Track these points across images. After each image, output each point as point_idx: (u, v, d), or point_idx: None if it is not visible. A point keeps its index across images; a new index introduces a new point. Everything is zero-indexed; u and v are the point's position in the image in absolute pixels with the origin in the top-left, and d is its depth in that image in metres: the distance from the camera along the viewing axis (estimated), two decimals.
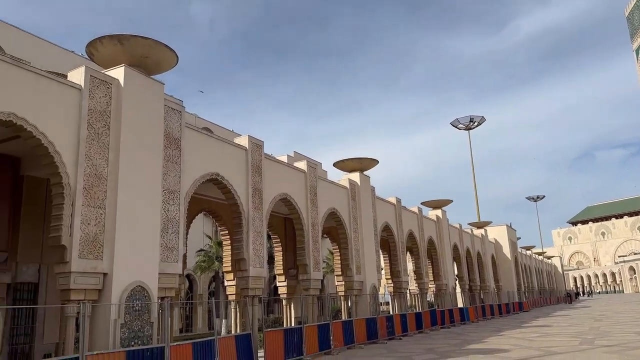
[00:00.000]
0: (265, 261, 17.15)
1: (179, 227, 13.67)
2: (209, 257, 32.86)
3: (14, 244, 14.00)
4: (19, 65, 10.80)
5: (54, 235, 11.02)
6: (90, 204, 11.51)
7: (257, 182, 17.32)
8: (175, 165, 13.89)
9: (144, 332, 11.87)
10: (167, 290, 13.06)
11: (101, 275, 11.49)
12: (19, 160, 14.46)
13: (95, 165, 11.79)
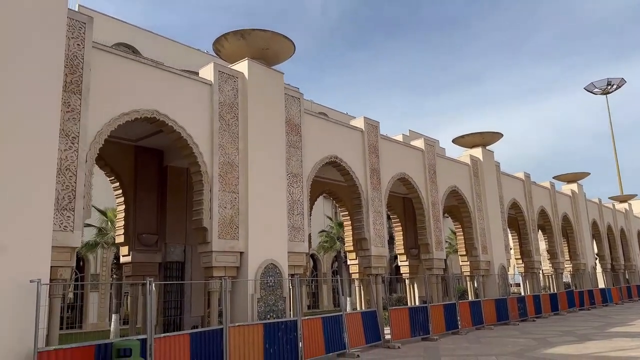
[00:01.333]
0: (386, 240, 17.29)
1: (303, 209, 14.35)
2: (330, 238, 33.96)
3: (162, 227, 15.74)
4: (159, 67, 12.03)
5: (196, 218, 12.20)
6: (225, 189, 12.54)
7: (375, 162, 17.45)
8: (297, 150, 14.54)
9: (278, 306, 12.73)
10: (296, 268, 13.81)
11: (238, 254, 12.51)
12: (162, 153, 16.15)
13: (228, 153, 12.78)
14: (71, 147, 9.64)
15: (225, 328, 10.70)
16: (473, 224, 22.59)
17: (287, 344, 11.80)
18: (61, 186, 9.24)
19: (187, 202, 15.76)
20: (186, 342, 9.83)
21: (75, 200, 9.54)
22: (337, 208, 42.12)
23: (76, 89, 9.85)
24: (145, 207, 15.41)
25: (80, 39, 10.06)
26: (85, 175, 9.80)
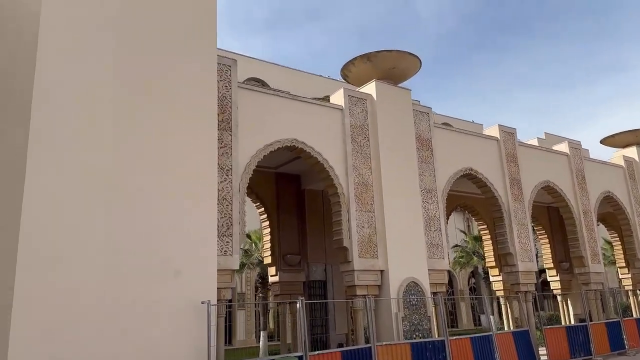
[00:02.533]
0: (533, 255, 16.22)
1: (440, 224, 14.09)
2: (466, 253, 32.61)
3: (304, 248, 16.53)
4: (295, 99, 12.83)
5: (337, 238, 12.63)
6: (362, 209, 12.83)
7: (514, 171, 16.55)
8: (429, 165, 14.39)
9: (423, 325, 12.57)
10: (438, 286, 13.55)
11: (379, 272, 12.66)
12: (299, 177, 17.07)
13: (362, 174, 13.10)
14: (226, 179, 10.66)
15: (373, 347, 10.82)
16: (633, 232, 20.18)
17: None
18: (220, 215, 10.23)
19: (324, 223, 16.39)
20: (338, 359, 10.13)
21: (232, 227, 10.50)
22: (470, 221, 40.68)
23: (227, 126, 10.91)
24: (287, 229, 16.36)
25: (227, 80, 11.15)
26: (239, 204, 10.74)
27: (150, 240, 8.19)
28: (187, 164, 8.96)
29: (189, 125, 9.21)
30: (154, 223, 8.28)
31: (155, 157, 8.57)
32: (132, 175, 8.20)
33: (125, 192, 8.06)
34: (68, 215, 7.02)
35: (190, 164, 9.01)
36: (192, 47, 9.55)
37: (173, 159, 8.78)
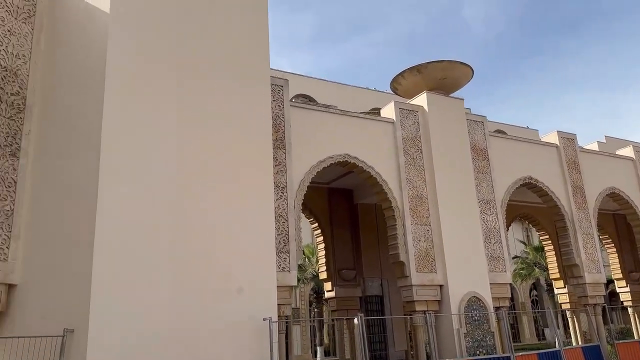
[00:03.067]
0: (601, 266, 15.40)
1: (500, 237, 13.67)
2: (527, 264, 31.37)
3: (359, 262, 16.45)
4: (345, 114, 12.92)
5: (393, 252, 12.49)
6: (417, 222, 12.66)
7: (576, 179, 15.87)
8: (486, 175, 14.03)
9: (486, 341, 12.17)
10: (501, 300, 13.10)
11: (438, 287, 12.40)
12: (351, 192, 17.07)
13: (416, 187, 12.94)
14: (281, 197, 10.83)
15: None
16: None
17: None
18: (277, 232, 10.38)
19: (379, 237, 16.27)
20: None
21: (289, 243, 10.64)
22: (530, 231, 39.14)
23: (281, 144, 11.11)
24: (341, 244, 16.35)
25: (280, 100, 11.38)
26: (294, 220, 10.87)
27: (212, 258, 8.41)
28: (245, 184, 9.17)
29: (247, 145, 9.43)
30: (215, 242, 8.51)
31: (215, 178, 8.82)
32: (194, 196, 8.47)
33: (188, 213, 8.33)
34: (136, 237, 7.33)
35: (249, 184, 9.21)
36: (247, 70, 9.82)
37: (232, 179, 9.01)
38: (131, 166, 7.41)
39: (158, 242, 7.83)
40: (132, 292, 7.07)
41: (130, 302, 6.99)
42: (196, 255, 8.26)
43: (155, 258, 7.68)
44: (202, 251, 8.34)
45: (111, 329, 6.53)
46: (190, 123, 8.72)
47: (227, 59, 9.58)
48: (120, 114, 7.47)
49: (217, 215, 8.69)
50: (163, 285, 7.75)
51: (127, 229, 7.15)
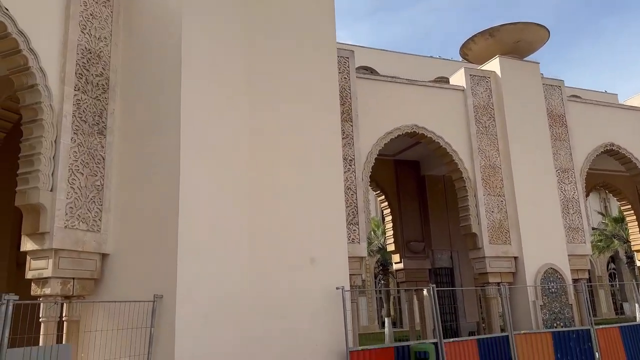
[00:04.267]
0: None
1: (579, 206, 13.02)
2: (605, 236, 29.76)
3: (428, 234, 16.27)
4: (412, 83, 12.62)
5: (465, 224, 12.23)
6: (490, 193, 12.28)
7: None
8: (564, 143, 13.32)
9: (564, 314, 11.75)
10: (580, 272, 12.56)
11: (512, 259, 12.05)
12: (418, 163, 16.79)
13: (488, 156, 12.51)
14: (349, 169, 10.84)
15: (511, 335, 10.36)
16: None
17: (581, 355, 10.74)
18: (346, 204, 10.42)
19: (447, 209, 15.98)
20: (474, 347, 9.87)
21: (357, 216, 10.69)
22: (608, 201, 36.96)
23: (347, 117, 11.06)
24: (409, 216, 16.22)
25: (346, 72, 11.27)
26: (363, 193, 10.88)
27: (287, 230, 8.61)
28: (315, 157, 9.23)
29: (316, 120, 9.46)
30: (289, 214, 8.69)
31: (287, 152, 8.95)
32: (269, 172, 8.66)
33: (263, 188, 8.54)
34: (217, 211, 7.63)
35: (319, 157, 9.27)
36: (314, 42, 9.77)
37: (303, 152, 9.10)
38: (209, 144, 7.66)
39: (237, 215, 8.11)
40: (214, 262, 7.40)
41: (212, 271, 7.34)
42: (272, 226, 8.49)
43: (234, 230, 7.97)
44: (278, 223, 8.56)
45: (196, 295, 6.90)
46: (261, 99, 8.86)
47: (295, 31, 9.57)
48: (197, 93, 7.70)
49: (290, 189, 8.84)
50: (242, 255, 8.05)
51: (207, 202, 7.44)
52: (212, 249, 7.42)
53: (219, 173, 7.83)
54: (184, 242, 6.79)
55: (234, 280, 7.85)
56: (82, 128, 7.00)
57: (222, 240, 7.72)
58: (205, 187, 7.48)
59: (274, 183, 8.69)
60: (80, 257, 6.65)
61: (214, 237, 7.51)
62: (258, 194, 8.47)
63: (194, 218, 7.08)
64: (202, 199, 7.34)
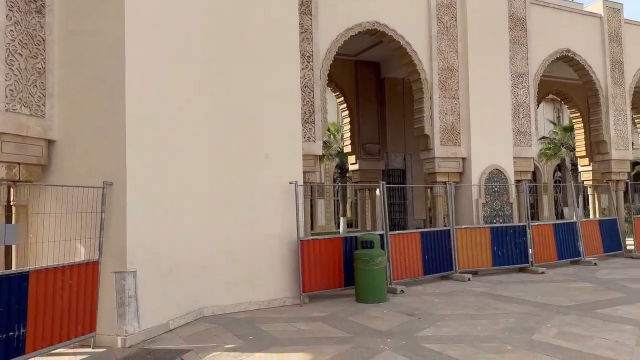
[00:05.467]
0: (629, 143, 15.19)
1: (529, 111, 13.43)
2: (554, 145, 31.13)
3: (383, 137, 16.61)
4: None
5: (418, 126, 12.50)
6: (445, 96, 12.46)
7: (617, 53, 15.03)
8: (522, 47, 13.39)
9: (504, 211, 12.58)
10: (523, 174, 13.27)
11: (460, 160, 12.56)
12: (379, 65, 16.66)
13: (447, 58, 12.51)
14: (307, 66, 10.67)
15: (452, 229, 11.12)
16: None
17: (515, 248, 11.73)
18: (303, 102, 10.40)
19: (404, 112, 16.19)
20: (417, 239, 10.57)
21: (314, 114, 10.72)
22: (561, 112, 38.19)
23: (307, 9, 10.67)
24: (367, 118, 16.39)
25: None
26: (320, 91, 10.83)
27: (242, 125, 8.58)
28: (271, 51, 8.98)
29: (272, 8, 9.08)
30: (243, 109, 8.60)
31: (241, 45, 8.66)
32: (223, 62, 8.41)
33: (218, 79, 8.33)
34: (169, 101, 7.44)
35: (275, 51, 9.02)
36: None
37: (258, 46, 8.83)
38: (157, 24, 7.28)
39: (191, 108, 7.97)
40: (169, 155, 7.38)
41: (168, 163, 7.34)
42: (227, 121, 8.44)
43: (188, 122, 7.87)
44: (233, 118, 8.50)
45: (150, 185, 6.96)
46: None
47: None
48: None
49: (244, 83, 8.67)
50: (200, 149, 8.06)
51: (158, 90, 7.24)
52: (166, 141, 7.36)
53: (170, 57, 7.56)
54: (133, 130, 6.69)
55: (191, 174, 7.92)
56: (17, 5, 6.49)
57: (177, 133, 7.65)
58: (156, 73, 7.23)
59: (229, 76, 8.50)
60: (25, 143, 6.49)
61: (168, 129, 7.42)
62: (212, 87, 8.30)
63: (143, 107, 6.92)
64: (152, 87, 7.13)
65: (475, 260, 11.28)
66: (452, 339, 6.28)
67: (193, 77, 8.06)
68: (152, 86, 7.14)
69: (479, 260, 11.34)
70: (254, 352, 5.94)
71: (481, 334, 6.50)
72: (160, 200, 7.19)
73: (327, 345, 6.15)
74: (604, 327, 6.66)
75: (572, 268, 12.12)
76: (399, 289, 9.49)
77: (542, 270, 11.48)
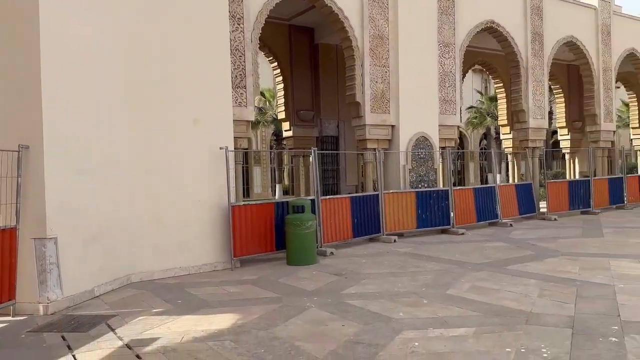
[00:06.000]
0: (546, 112, 16.22)
1: (455, 81, 13.97)
2: (480, 114, 32.65)
3: (317, 104, 16.71)
4: None
5: (350, 93, 12.68)
6: (376, 64, 12.68)
7: (537, 25, 15.84)
8: (450, 17, 13.80)
9: (429, 177, 13.18)
10: (447, 141, 13.88)
11: (389, 127, 12.93)
12: (313, 30, 16.58)
13: (378, 26, 12.68)
14: (237, 28, 10.46)
15: (381, 194, 11.57)
16: None
17: (438, 211, 12.40)
18: (233, 66, 10.24)
19: (338, 79, 16.32)
20: (347, 203, 10.92)
21: (245, 79, 10.60)
22: (488, 82, 39.89)
23: None
24: (301, 85, 16.39)
25: None
26: (252, 55, 10.69)
27: (169, 89, 8.37)
28: (199, 11, 8.75)
29: None
30: (171, 72, 8.38)
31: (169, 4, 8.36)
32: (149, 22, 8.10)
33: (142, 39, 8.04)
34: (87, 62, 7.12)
35: (203, 11, 8.79)
36: None
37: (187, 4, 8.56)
38: None
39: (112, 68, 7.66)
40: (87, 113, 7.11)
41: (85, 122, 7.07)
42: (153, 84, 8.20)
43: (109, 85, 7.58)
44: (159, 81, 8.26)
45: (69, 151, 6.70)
46: None
47: None
48: None
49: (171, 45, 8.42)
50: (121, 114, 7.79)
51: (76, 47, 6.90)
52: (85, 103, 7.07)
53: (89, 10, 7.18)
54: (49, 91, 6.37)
55: (115, 138, 7.68)
56: None
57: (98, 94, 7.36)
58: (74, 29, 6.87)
59: (154, 36, 8.21)
60: None
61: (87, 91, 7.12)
62: (137, 47, 8.00)
63: (60, 68, 6.58)
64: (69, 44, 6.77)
65: (401, 223, 11.83)
66: (374, 295, 6.66)
67: (115, 35, 7.72)
68: (69, 43, 6.79)
69: (405, 222, 11.90)
70: (181, 315, 6.02)
71: (401, 290, 6.93)
72: (81, 165, 6.96)
73: (256, 306, 6.33)
74: (512, 281, 7.27)
75: (490, 229, 13.01)
76: (328, 252, 9.83)
77: (462, 231, 12.25)
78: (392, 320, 5.50)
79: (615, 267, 7.90)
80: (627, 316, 5.36)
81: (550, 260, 8.76)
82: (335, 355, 4.54)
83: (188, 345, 4.92)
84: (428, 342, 4.77)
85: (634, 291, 6.42)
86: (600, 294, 6.35)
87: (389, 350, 4.59)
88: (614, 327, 5.00)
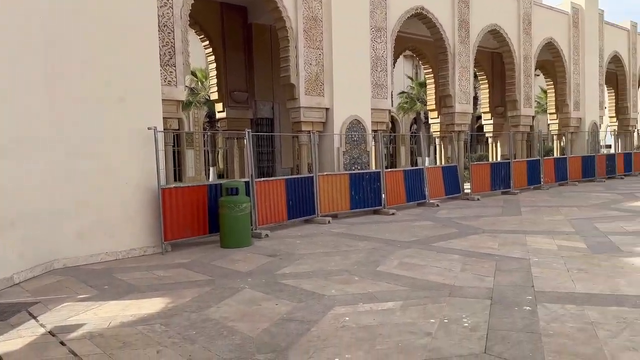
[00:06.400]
0: (471, 97, 17.01)
1: (386, 65, 14.28)
2: (410, 99, 33.57)
3: (251, 85, 16.49)
4: None
5: (284, 75, 12.64)
6: (310, 46, 12.69)
7: (464, 13, 16.48)
8: (382, 2, 14.03)
9: (362, 159, 13.47)
10: (379, 124, 14.23)
11: (324, 110, 13.04)
12: (246, 10, 16.27)
13: (311, 7, 12.66)
14: (166, 4, 10.09)
15: (315, 176, 11.67)
16: (567, 79, 21.34)
17: (371, 192, 12.71)
18: (162, 43, 9.89)
19: (272, 60, 16.18)
20: (282, 185, 10.93)
21: (175, 57, 10.27)
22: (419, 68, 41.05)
23: None
24: (234, 65, 16.07)
25: None
26: (181, 32, 10.35)
27: (92, 66, 7.93)
28: None
29: None
30: (92, 47, 7.94)
31: None
32: None
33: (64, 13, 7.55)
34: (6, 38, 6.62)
35: None
36: None
37: None
38: None
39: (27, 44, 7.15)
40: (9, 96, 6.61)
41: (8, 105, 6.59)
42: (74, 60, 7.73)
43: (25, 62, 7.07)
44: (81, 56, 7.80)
45: None
46: None
47: None
48: None
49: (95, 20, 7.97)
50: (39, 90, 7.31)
51: None
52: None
53: None
54: None
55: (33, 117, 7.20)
56: None
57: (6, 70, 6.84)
58: None
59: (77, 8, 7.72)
60: None
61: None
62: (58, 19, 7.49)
63: None
64: None
65: (335, 204, 12.03)
66: (308, 274, 6.77)
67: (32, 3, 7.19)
68: None
69: (339, 204, 12.12)
70: (108, 300, 5.82)
71: (334, 268, 7.09)
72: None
73: (188, 289, 6.24)
74: (437, 257, 7.64)
75: (418, 209, 13.54)
76: (263, 234, 9.83)
77: (392, 211, 12.66)
78: (325, 297, 5.63)
79: (531, 243, 8.50)
80: (540, 287, 5.81)
81: (473, 237, 9.27)
82: (268, 333, 4.59)
83: (116, 330, 4.79)
84: (358, 317, 4.94)
85: (546, 264, 6.95)
86: (517, 267, 6.83)
87: (320, 326, 4.70)
88: (528, 297, 5.41)
